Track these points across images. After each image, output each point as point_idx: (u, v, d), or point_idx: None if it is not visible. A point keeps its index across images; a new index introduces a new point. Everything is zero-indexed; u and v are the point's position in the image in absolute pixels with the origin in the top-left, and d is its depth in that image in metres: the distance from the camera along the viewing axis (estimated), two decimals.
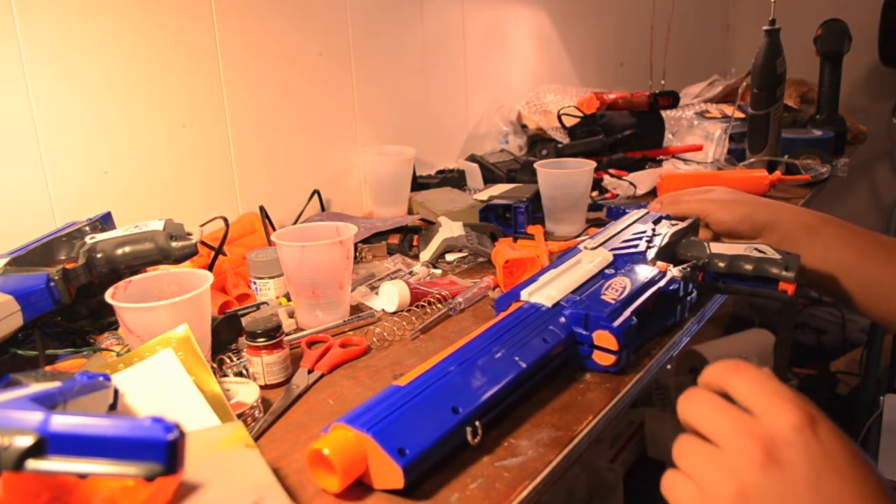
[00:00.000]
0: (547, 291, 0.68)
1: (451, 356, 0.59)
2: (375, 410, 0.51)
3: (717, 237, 0.86)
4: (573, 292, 0.69)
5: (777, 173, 1.28)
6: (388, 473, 0.49)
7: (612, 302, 0.66)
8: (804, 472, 0.38)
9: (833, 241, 0.78)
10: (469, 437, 0.53)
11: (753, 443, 0.40)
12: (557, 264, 0.75)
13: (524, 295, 0.69)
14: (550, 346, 0.63)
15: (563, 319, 0.66)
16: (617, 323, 0.64)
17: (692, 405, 0.44)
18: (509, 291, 0.71)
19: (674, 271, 0.74)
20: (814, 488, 0.38)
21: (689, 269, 0.75)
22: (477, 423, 0.53)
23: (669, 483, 0.43)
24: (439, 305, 0.86)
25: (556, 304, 0.67)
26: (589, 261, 0.76)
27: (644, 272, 0.73)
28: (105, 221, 0.81)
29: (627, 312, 0.66)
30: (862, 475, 0.39)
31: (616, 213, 0.96)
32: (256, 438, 0.59)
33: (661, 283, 0.72)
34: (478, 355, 0.59)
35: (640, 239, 0.81)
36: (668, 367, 2.16)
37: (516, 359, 0.60)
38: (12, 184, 0.86)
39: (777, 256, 0.75)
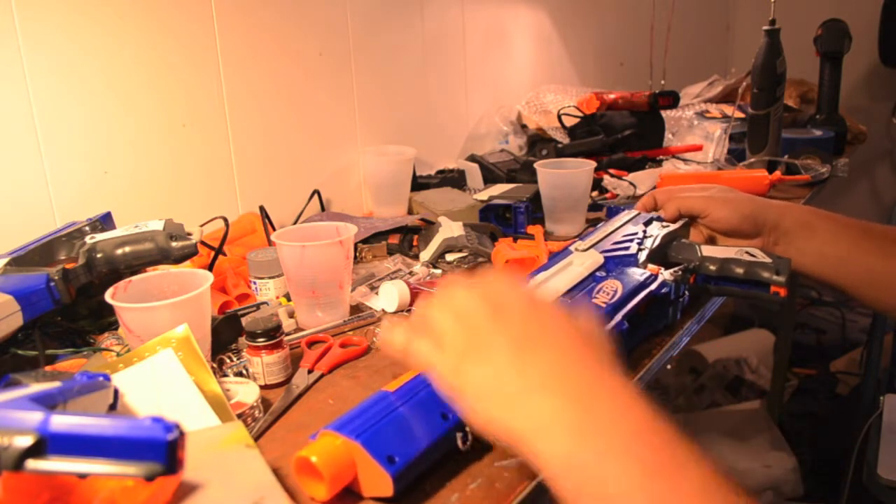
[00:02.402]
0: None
1: None
2: (364, 417, 0.51)
3: (710, 237, 0.85)
4: (564, 295, 0.68)
5: (777, 173, 1.28)
6: (378, 481, 0.49)
7: (604, 305, 0.66)
8: (518, 317, 0.49)
9: (827, 236, 0.78)
10: (459, 443, 0.53)
11: (484, 305, 0.50)
12: (548, 266, 0.74)
13: None
14: None
15: None
16: (608, 327, 0.63)
17: (430, 314, 0.51)
18: None
19: (665, 274, 0.73)
20: (523, 327, 0.49)
21: (680, 271, 0.74)
22: (467, 429, 0.53)
23: (401, 341, 0.51)
24: None
25: None
26: (580, 263, 0.74)
27: (635, 275, 0.72)
28: (105, 221, 0.81)
29: (619, 316, 0.65)
30: (559, 321, 0.50)
31: (616, 214, 0.96)
32: (256, 438, 0.59)
33: (653, 287, 0.71)
34: None
35: (632, 241, 0.79)
36: (668, 367, 2.16)
37: None
38: (12, 184, 0.86)
39: (768, 260, 0.74)
